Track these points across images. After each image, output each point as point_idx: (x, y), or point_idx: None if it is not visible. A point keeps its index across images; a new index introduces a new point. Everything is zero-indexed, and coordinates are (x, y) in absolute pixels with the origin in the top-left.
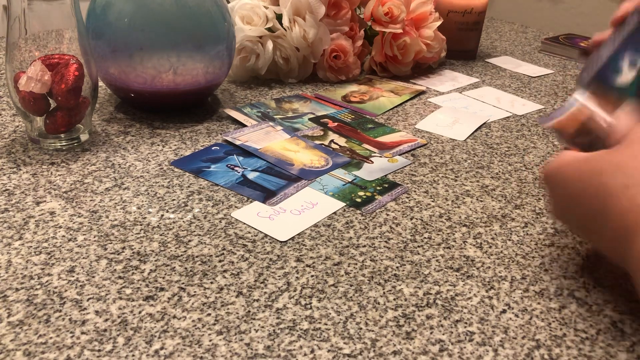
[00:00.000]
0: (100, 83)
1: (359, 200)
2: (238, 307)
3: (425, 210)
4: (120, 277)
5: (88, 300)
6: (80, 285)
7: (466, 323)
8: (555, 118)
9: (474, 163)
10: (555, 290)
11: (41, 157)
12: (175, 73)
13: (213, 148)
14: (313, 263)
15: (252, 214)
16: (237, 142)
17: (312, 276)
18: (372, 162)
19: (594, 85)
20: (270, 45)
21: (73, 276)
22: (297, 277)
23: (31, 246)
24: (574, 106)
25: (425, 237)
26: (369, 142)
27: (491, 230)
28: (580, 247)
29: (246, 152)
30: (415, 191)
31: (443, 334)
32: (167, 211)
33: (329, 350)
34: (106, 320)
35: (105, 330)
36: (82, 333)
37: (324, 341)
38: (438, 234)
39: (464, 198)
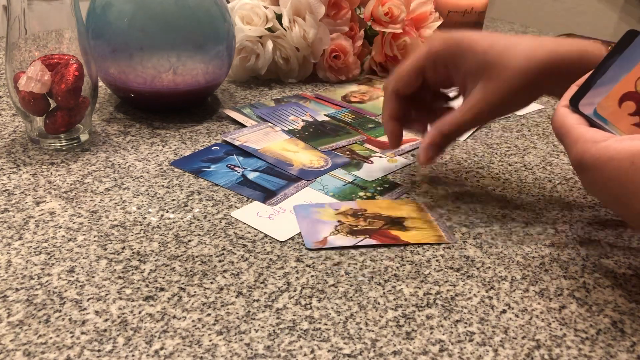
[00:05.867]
0: (100, 83)
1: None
2: (238, 307)
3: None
4: (120, 277)
5: (88, 300)
6: (80, 286)
7: (466, 323)
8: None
9: (474, 163)
10: (555, 290)
11: (41, 157)
12: (175, 73)
13: (213, 148)
14: (313, 263)
15: (252, 214)
16: (237, 143)
17: (312, 276)
18: (372, 162)
19: None
20: (270, 45)
21: (73, 276)
22: (297, 277)
23: (31, 246)
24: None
25: None
26: (371, 142)
27: (491, 230)
28: (580, 247)
29: (246, 152)
30: (415, 191)
31: (443, 334)
32: (167, 211)
33: (329, 351)
34: (106, 320)
35: (105, 330)
36: (82, 333)
37: (324, 341)
38: None
39: (464, 198)
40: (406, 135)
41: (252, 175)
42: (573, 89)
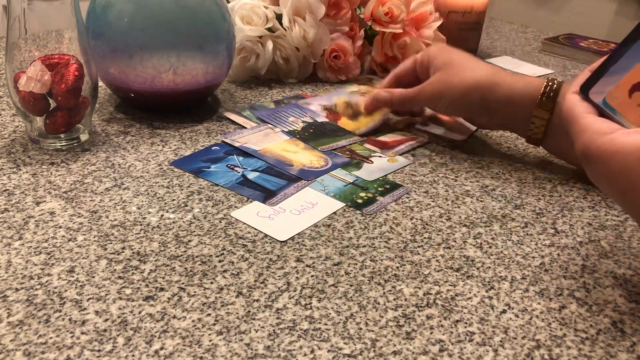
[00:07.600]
0: (100, 83)
1: (360, 201)
2: (238, 307)
3: (426, 210)
4: (120, 277)
5: (88, 300)
6: (80, 285)
7: (466, 323)
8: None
9: (474, 163)
10: (555, 290)
11: (41, 157)
12: (175, 73)
13: (213, 148)
14: (313, 263)
15: (252, 214)
16: (236, 144)
17: (312, 276)
18: (372, 162)
19: None
20: (270, 45)
21: (73, 276)
22: (297, 277)
23: (31, 246)
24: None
25: (425, 237)
26: (371, 142)
27: (491, 230)
28: (580, 247)
29: (246, 152)
30: (415, 191)
31: (443, 334)
32: (167, 211)
33: (329, 351)
34: (106, 320)
35: (105, 330)
36: (82, 333)
37: (324, 341)
38: (438, 234)
39: (464, 198)
40: (405, 135)
41: (252, 175)
42: (586, 74)
